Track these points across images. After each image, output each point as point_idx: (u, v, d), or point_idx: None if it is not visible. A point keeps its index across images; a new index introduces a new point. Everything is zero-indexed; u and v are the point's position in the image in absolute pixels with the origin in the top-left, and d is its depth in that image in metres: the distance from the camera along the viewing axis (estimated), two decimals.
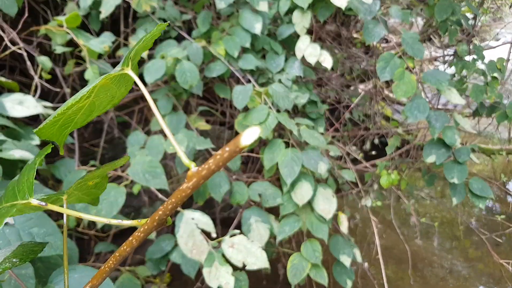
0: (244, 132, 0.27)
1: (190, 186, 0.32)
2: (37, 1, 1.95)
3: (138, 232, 0.38)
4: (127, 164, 1.90)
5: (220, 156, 0.29)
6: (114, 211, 1.36)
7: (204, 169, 0.30)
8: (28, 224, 0.90)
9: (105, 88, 0.43)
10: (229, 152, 0.28)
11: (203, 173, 0.31)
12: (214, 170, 0.30)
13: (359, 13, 1.84)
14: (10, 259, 0.54)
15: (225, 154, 0.28)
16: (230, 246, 1.38)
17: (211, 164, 0.30)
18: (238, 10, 1.88)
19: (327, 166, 1.69)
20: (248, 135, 0.27)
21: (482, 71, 2.29)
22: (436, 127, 1.80)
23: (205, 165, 0.30)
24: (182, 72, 1.64)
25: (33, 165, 0.46)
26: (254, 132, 0.27)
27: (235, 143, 0.28)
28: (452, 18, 2.14)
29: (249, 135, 0.27)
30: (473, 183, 1.89)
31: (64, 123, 0.44)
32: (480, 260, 2.95)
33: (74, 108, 0.42)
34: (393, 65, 1.78)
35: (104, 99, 0.45)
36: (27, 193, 0.42)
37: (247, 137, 0.27)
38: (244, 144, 0.27)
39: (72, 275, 0.82)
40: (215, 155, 0.29)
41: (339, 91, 2.93)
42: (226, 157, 0.29)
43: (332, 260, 1.80)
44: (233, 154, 0.28)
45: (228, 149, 0.28)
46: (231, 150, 0.28)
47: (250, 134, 0.27)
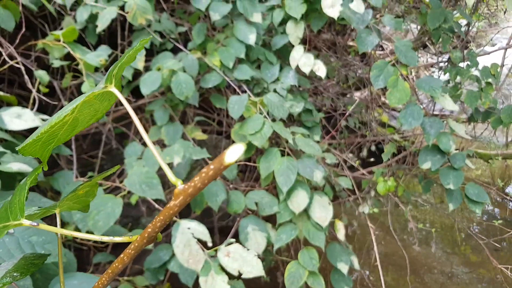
0: (228, 149, 0.28)
1: (177, 204, 0.33)
2: (35, 15, 1.98)
3: (129, 249, 0.39)
4: (124, 175, 1.92)
5: (205, 174, 0.29)
6: (111, 222, 1.38)
7: (190, 187, 0.31)
8: (27, 233, 0.92)
9: (89, 104, 0.44)
10: (214, 170, 0.29)
11: (189, 191, 0.31)
12: (200, 188, 0.31)
13: (352, 23, 1.86)
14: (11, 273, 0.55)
15: (210, 172, 0.29)
16: (226, 255, 1.39)
17: (197, 182, 0.30)
18: (233, 21, 1.91)
19: (323, 174, 1.71)
20: (232, 153, 0.27)
21: (476, 77, 2.31)
22: (431, 133, 1.81)
23: (191, 182, 0.31)
24: (178, 84, 1.67)
25: (24, 186, 0.47)
26: (237, 150, 0.27)
27: (220, 161, 0.28)
28: (444, 25, 2.17)
29: (233, 153, 0.27)
30: (469, 189, 1.90)
31: (48, 139, 0.44)
32: (480, 266, 2.95)
33: (58, 125, 0.42)
34: (386, 73, 1.80)
35: (88, 114, 0.46)
36: (19, 214, 0.43)
37: (231, 155, 0.27)
38: (228, 161, 0.28)
39: (71, 281, 0.84)
40: (201, 173, 0.30)
41: (334, 99, 2.95)
42: (211, 175, 0.29)
43: (330, 268, 1.81)
44: (218, 171, 0.29)
45: (213, 167, 0.29)
46: (216, 168, 0.29)
47: (234, 152, 0.27)
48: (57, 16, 1.95)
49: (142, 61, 1.75)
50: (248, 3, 1.83)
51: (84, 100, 0.41)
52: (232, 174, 1.77)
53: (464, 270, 2.93)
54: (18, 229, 0.92)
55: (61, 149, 1.64)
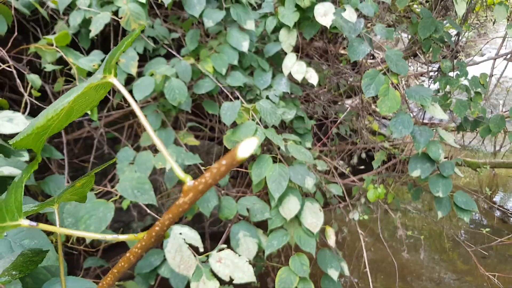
0: (240, 143, 0.26)
1: (187, 201, 0.31)
2: (27, 19, 1.98)
3: (136, 248, 0.37)
4: (116, 180, 1.91)
5: (217, 169, 0.28)
6: (103, 226, 1.37)
7: (201, 183, 0.29)
8: (19, 236, 0.91)
9: (85, 95, 0.42)
10: (226, 165, 0.27)
11: (199, 187, 0.30)
12: (211, 184, 0.29)
13: (344, 32, 1.89)
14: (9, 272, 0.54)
15: (222, 167, 0.27)
16: (217, 261, 1.39)
17: (208, 178, 0.29)
18: (226, 28, 1.92)
19: (314, 181, 1.72)
20: (245, 147, 0.26)
21: (466, 86, 2.34)
22: (421, 142, 1.83)
23: (201, 178, 0.29)
24: (171, 89, 1.67)
25: (20, 183, 0.45)
26: (251, 144, 0.26)
27: (232, 156, 0.27)
28: (435, 35, 2.20)
29: (246, 147, 0.26)
30: (458, 197, 1.92)
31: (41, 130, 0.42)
32: (468, 273, 2.98)
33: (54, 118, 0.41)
34: (377, 81, 1.82)
35: (83, 104, 0.45)
36: (16, 213, 0.42)
37: (244, 149, 0.26)
38: (241, 156, 0.26)
39: None
40: (211, 168, 0.28)
41: (326, 107, 2.97)
42: (223, 171, 0.28)
43: (320, 274, 1.82)
44: (230, 167, 0.27)
45: (225, 162, 0.27)
46: (228, 163, 0.27)
47: (247, 146, 0.26)
48: (50, 20, 1.95)
49: (135, 66, 1.75)
50: (242, 10, 1.84)
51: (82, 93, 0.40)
52: (224, 180, 1.78)
53: (452, 277, 2.95)
54: (10, 232, 0.91)
55: (53, 153, 1.64)
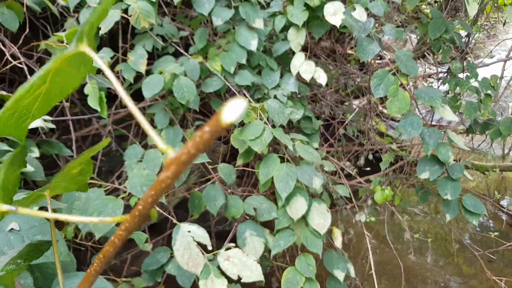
0: (225, 105, 0.23)
1: (169, 175, 0.28)
2: (37, 16, 1.98)
3: (120, 230, 0.35)
4: (123, 177, 1.92)
5: (200, 138, 0.25)
6: (112, 223, 1.38)
7: (183, 153, 0.26)
8: (32, 232, 0.91)
9: (62, 72, 0.38)
10: (210, 132, 0.24)
11: (182, 158, 0.27)
12: (194, 155, 0.26)
13: (353, 31, 1.88)
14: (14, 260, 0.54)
15: (206, 135, 0.24)
16: (226, 259, 1.39)
17: (191, 147, 0.26)
18: (235, 27, 1.92)
19: (322, 181, 1.71)
20: (230, 109, 0.23)
21: (476, 88, 2.33)
22: (430, 143, 1.82)
23: (184, 149, 0.26)
24: (179, 88, 1.67)
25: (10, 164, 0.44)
26: (238, 106, 0.23)
27: (216, 121, 0.23)
28: (445, 36, 2.19)
29: (232, 109, 0.23)
30: (467, 200, 1.91)
31: (21, 116, 0.40)
32: (474, 277, 2.96)
33: (29, 98, 0.37)
34: (387, 82, 1.81)
35: (63, 83, 0.41)
36: None
37: (230, 112, 0.23)
38: (227, 120, 0.23)
39: (73, 281, 0.84)
40: (194, 137, 0.25)
41: (333, 107, 2.96)
42: (207, 138, 0.25)
43: (325, 275, 1.82)
44: (215, 134, 0.24)
45: (208, 129, 0.24)
46: (212, 130, 0.24)
47: (234, 108, 0.23)
48: (60, 18, 1.95)
49: (144, 64, 1.75)
50: (251, 9, 1.84)
51: (56, 67, 0.37)
52: (231, 179, 1.77)
53: (457, 281, 2.93)
54: (23, 227, 0.92)
55: (62, 149, 1.64)
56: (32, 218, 0.94)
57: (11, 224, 0.91)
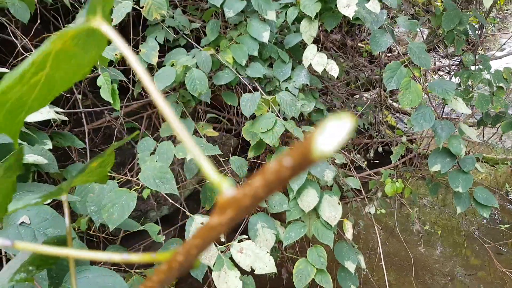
0: (320, 129, 0.14)
1: (224, 222, 0.18)
2: (48, 8, 1.98)
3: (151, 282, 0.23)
4: (135, 169, 1.93)
5: (275, 175, 0.15)
6: (126, 214, 1.38)
7: (246, 196, 0.17)
8: (43, 225, 0.91)
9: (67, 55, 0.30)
10: (293, 168, 0.15)
11: (244, 202, 0.17)
12: (262, 198, 0.17)
13: (367, 23, 1.86)
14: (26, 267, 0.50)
15: (285, 171, 0.15)
16: (239, 251, 1.40)
17: (259, 187, 0.16)
18: (246, 19, 1.91)
19: (333, 174, 1.71)
20: (329, 135, 0.14)
21: (488, 80, 2.31)
22: (442, 136, 1.81)
23: (248, 188, 0.17)
24: (191, 80, 1.67)
25: None
26: (340, 128, 0.14)
27: (304, 151, 0.14)
28: (459, 28, 2.16)
29: (332, 134, 0.14)
30: (478, 192, 1.91)
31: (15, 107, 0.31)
32: (482, 269, 2.96)
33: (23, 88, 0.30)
34: (399, 74, 1.80)
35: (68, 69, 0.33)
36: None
37: (329, 138, 0.14)
38: (322, 151, 0.14)
39: (86, 275, 0.84)
40: (266, 172, 0.16)
41: (344, 100, 2.95)
42: (287, 176, 0.15)
43: (336, 266, 1.82)
44: (299, 170, 0.15)
45: (290, 162, 0.15)
46: (297, 163, 0.15)
47: (333, 132, 0.14)
48: (71, 9, 1.95)
49: (155, 56, 1.75)
50: (263, 0, 1.83)
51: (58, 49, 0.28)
52: (243, 171, 1.78)
53: (465, 273, 2.94)
54: (34, 221, 0.92)
55: (75, 141, 1.65)
56: (43, 210, 0.93)
57: (22, 218, 0.90)
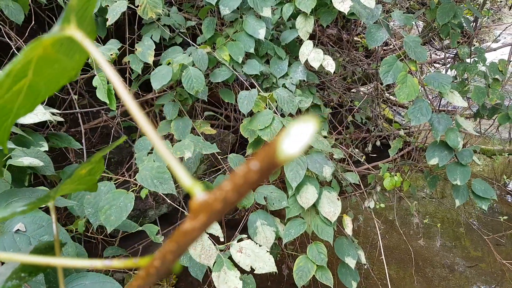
0: (285, 133, 0.15)
1: (196, 226, 0.19)
2: (43, 8, 1.97)
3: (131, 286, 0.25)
4: (132, 169, 1.92)
5: (244, 179, 0.16)
6: (124, 216, 1.37)
7: (217, 200, 0.17)
8: (39, 232, 0.89)
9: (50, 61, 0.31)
10: (260, 171, 0.16)
11: (216, 205, 0.17)
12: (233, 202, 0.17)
13: (362, 18, 1.86)
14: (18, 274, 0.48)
15: (253, 175, 0.16)
16: (239, 251, 1.40)
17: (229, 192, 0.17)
18: (242, 16, 1.90)
19: (332, 170, 1.71)
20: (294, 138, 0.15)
21: (484, 73, 2.31)
22: (439, 129, 1.82)
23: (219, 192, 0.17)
24: (188, 78, 1.66)
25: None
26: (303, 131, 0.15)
27: (270, 155, 0.15)
28: (453, 21, 2.16)
29: (296, 138, 0.15)
30: (476, 185, 1.91)
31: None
32: (482, 260, 2.97)
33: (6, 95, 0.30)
34: (395, 68, 1.80)
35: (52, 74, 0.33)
36: None
37: (293, 142, 0.15)
38: (287, 154, 0.15)
39: (83, 281, 0.83)
40: (235, 177, 0.16)
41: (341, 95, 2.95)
42: (254, 180, 0.16)
43: (336, 261, 1.82)
44: (266, 173, 0.16)
45: (257, 166, 0.16)
46: (264, 167, 0.16)
47: (298, 135, 0.15)
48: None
49: (151, 55, 1.74)
50: None
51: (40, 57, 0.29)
52: None
53: (465, 264, 2.95)
54: (30, 228, 0.90)
55: (71, 142, 1.64)
56: (39, 217, 0.92)
57: (17, 225, 0.89)
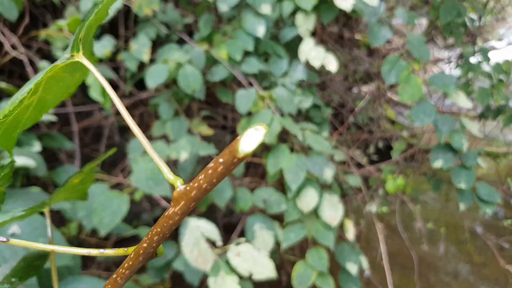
0: (242, 135, 0.20)
1: (177, 212, 0.25)
2: (37, 5, 1.92)
3: (122, 268, 0.32)
4: (129, 170, 1.87)
5: (213, 170, 0.22)
6: (118, 219, 1.33)
7: (194, 188, 0.23)
8: (34, 234, 0.87)
9: (56, 79, 0.36)
10: (225, 164, 0.21)
11: (192, 193, 0.23)
12: (206, 189, 0.23)
13: (364, 16, 1.81)
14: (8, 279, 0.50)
15: (219, 168, 0.21)
16: (236, 255, 1.35)
17: (202, 181, 0.23)
18: (240, 13, 1.85)
19: (333, 172, 1.66)
20: (249, 139, 0.20)
21: (488, 73, 2.26)
22: (443, 131, 1.77)
23: (195, 182, 0.23)
24: (185, 77, 1.61)
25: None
26: (257, 134, 0.20)
27: (232, 152, 0.20)
28: (457, 20, 2.12)
29: (251, 139, 0.20)
30: (480, 188, 1.86)
31: (10, 126, 0.36)
32: (485, 266, 2.92)
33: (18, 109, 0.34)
34: (398, 68, 1.75)
35: (57, 91, 0.38)
36: None
37: (249, 142, 0.20)
38: (245, 151, 0.20)
39: (77, 285, 0.79)
40: (207, 169, 0.22)
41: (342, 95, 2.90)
42: (221, 172, 0.22)
43: (337, 267, 1.77)
44: (231, 166, 0.21)
45: (222, 161, 0.21)
46: (228, 161, 0.21)
47: (252, 137, 0.20)
48: (60, 6, 1.89)
49: (147, 53, 1.69)
50: None
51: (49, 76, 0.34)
52: (239, 170, 1.72)
53: (468, 270, 2.90)
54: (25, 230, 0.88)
55: (63, 142, 1.59)
56: (34, 218, 0.89)
57: (12, 228, 0.87)
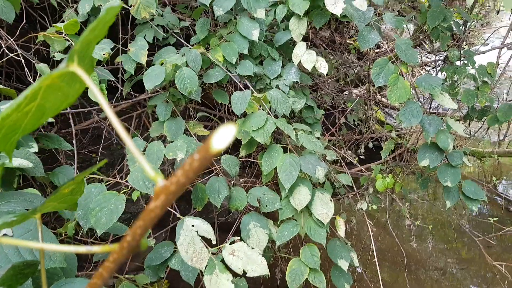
0: (214, 133, 0.23)
1: (158, 205, 0.27)
2: (34, 7, 1.95)
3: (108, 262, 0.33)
4: (126, 171, 1.90)
5: (189, 166, 0.24)
6: (115, 218, 1.35)
7: (173, 183, 0.25)
8: (26, 237, 0.87)
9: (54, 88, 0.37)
10: (200, 160, 0.23)
11: (171, 188, 0.26)
12: (184, 183, 0.25)
13: (354, 20, 1.87)
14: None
15: (195, 163, 0.24)
16: (231, 253, 1.39)
17: (180, 176, 0.25)
18: (236, 17, 1.90)
19: (325, 171, 1.71)
20: (220, 137, 0.23)
21: (473, 75, 2.33)
22: (430, 131, 1.83)
23: (173, 178, 0.25)
24: (181, 79, 1.65)
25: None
26: (227, 133, 0.23)
27: (206, 149, 0.23)
28: (443, 24, 2.18)
29: (222, 137, 0.23)
30: (466, 186, 1.92)
31: (10, 130, 0.38)
32: (472, 262, 2.99)
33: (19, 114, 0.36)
34: (387, 71, 1.81)
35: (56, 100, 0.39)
36: None
37: (220, 140, 0.23)
38: (216, 148, 0.23)
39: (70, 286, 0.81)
40: (184, 165, 0.25)
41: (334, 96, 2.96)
42: (197, 167, 0.24)
43: (329, 264, 1.82)
44: (204, 161, 0.24)
45: (197, 157, 0.23)
46: (202, 157, 0.23)
47: (223, 136, 0.23)
48: (58, 9, 1.92)
49: (144, 55, 1.73)
50: None
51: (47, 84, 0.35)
52: (235, 170, 1.77)
53: (457, 267, 2.96)
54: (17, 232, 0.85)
55: (62, 143, 1.62)
56: (26, 222, 0.89)
57: (3, 230, 0.87)
